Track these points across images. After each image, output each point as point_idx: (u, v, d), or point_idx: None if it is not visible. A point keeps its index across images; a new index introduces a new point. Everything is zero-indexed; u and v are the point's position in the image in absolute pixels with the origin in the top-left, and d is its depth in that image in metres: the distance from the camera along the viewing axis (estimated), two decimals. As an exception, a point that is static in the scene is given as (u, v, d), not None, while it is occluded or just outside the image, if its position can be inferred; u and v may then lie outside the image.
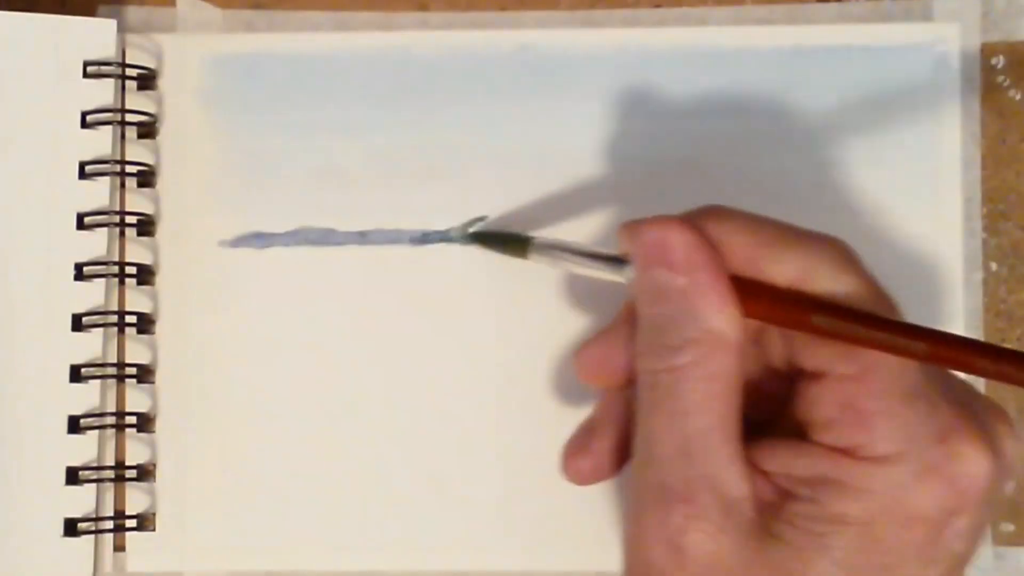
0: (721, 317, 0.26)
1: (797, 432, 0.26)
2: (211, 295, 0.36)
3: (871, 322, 0.25)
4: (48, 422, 0.35)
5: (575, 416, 0.35)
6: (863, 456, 0.25)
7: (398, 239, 0.36)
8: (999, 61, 0.36)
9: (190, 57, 0.37)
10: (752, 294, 0.26)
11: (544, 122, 0.36)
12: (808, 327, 0.26)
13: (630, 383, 0.28)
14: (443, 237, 0.36)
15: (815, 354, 0.26)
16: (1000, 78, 0.36)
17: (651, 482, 0.26)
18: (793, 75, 0.36)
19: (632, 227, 0.28)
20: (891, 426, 0.25)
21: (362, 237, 0.36)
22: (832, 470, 0.25)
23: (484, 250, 0.35)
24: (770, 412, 0.28)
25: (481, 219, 0.35)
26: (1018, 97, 0.36)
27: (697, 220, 0.27)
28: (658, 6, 0.36)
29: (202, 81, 0.37)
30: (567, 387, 0.35)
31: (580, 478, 0.30)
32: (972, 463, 0.25)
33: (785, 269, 0.26)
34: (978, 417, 0.26)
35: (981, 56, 0.36)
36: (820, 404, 0.26)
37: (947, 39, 0.35)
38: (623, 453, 0.30)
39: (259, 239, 0.36)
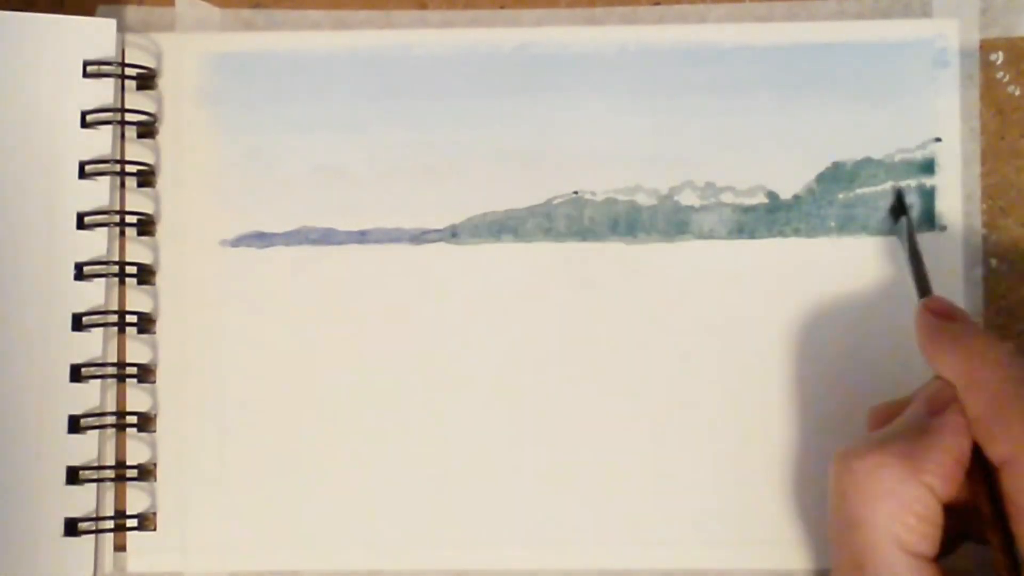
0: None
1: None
2: (211, 295, 0.36)
3: None
4: (48, 422, 0.35)
5: (570, 414, 0.35)
6: None
7: (398, 238, 0.36)
8: (998, 57, 0.36)
9: (189, 56, 0.37)
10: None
11: (543, 120, 0.36)
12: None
13: None
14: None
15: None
16: (999, 74, 0.36)
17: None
18: (792, 72, 0.36)
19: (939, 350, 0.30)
20: None
21: (362, 236, 0.36)
22: None
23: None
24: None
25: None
26: (1017, 93, 0.36)
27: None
28: (657, 3, 0.36)
29: (201, 80, 0.37)
30: (566, 384, 0.35)
31: None
32: None
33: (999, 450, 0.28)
34: None
35: (980, 52, 0.36)
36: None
37: (946, 35, 0.36)
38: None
39: (259, 239, 0.36)
